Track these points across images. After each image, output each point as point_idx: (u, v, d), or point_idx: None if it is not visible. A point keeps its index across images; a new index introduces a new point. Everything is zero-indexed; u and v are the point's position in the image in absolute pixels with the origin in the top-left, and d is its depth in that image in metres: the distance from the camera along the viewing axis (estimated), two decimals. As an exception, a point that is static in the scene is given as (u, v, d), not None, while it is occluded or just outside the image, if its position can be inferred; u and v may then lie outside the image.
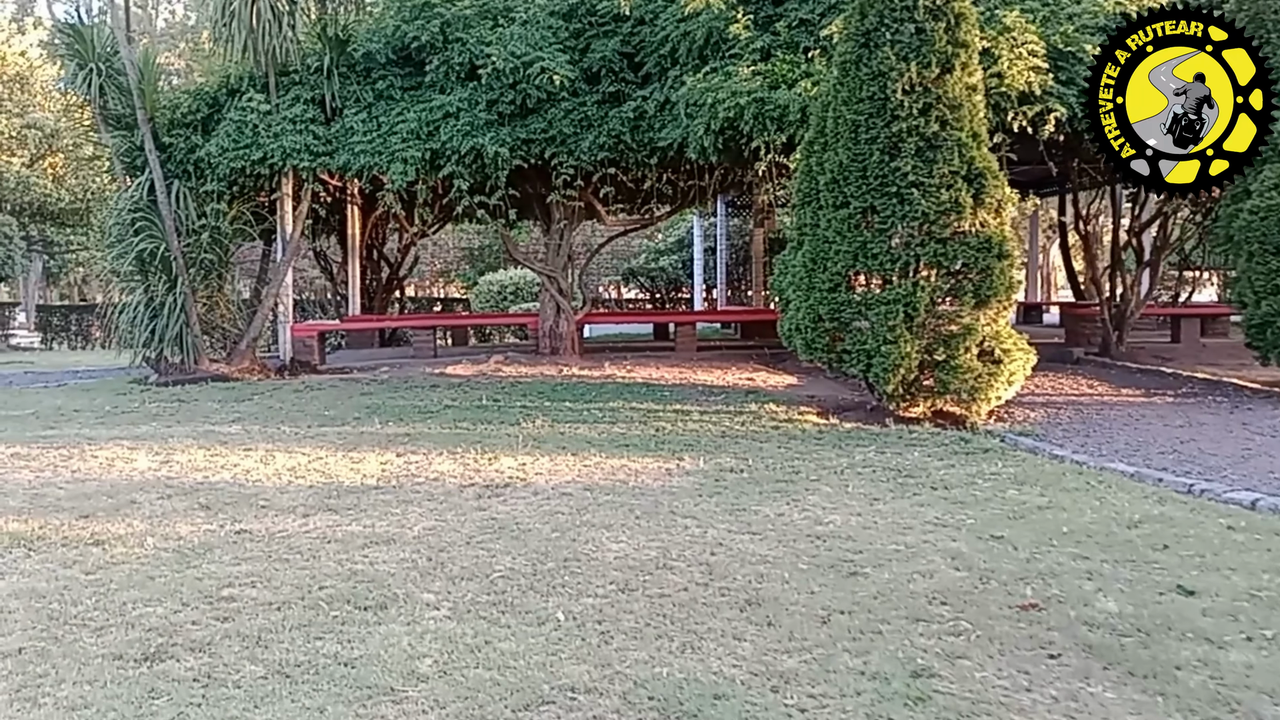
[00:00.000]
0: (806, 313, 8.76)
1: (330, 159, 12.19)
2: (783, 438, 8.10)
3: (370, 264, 19.08)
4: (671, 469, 6.96)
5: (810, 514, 5.67)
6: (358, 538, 5.27)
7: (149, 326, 12.27)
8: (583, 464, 7.14)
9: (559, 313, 13.40)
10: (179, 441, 8.20)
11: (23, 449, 7.96)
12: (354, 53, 12.22)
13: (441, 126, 11.73)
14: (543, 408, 9.67)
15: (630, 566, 4.69)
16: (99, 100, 12.10)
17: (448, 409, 9.72)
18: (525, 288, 26.41)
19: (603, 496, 6.15)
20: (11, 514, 5.90)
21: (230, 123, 12.25)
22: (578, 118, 11.67)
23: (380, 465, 7.21)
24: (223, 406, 10.18)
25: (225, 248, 12.95)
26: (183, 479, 6.81)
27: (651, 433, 8.34)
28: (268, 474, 6.96)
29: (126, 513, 5.91)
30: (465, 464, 7.19)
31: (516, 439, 8.06)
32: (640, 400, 10.12)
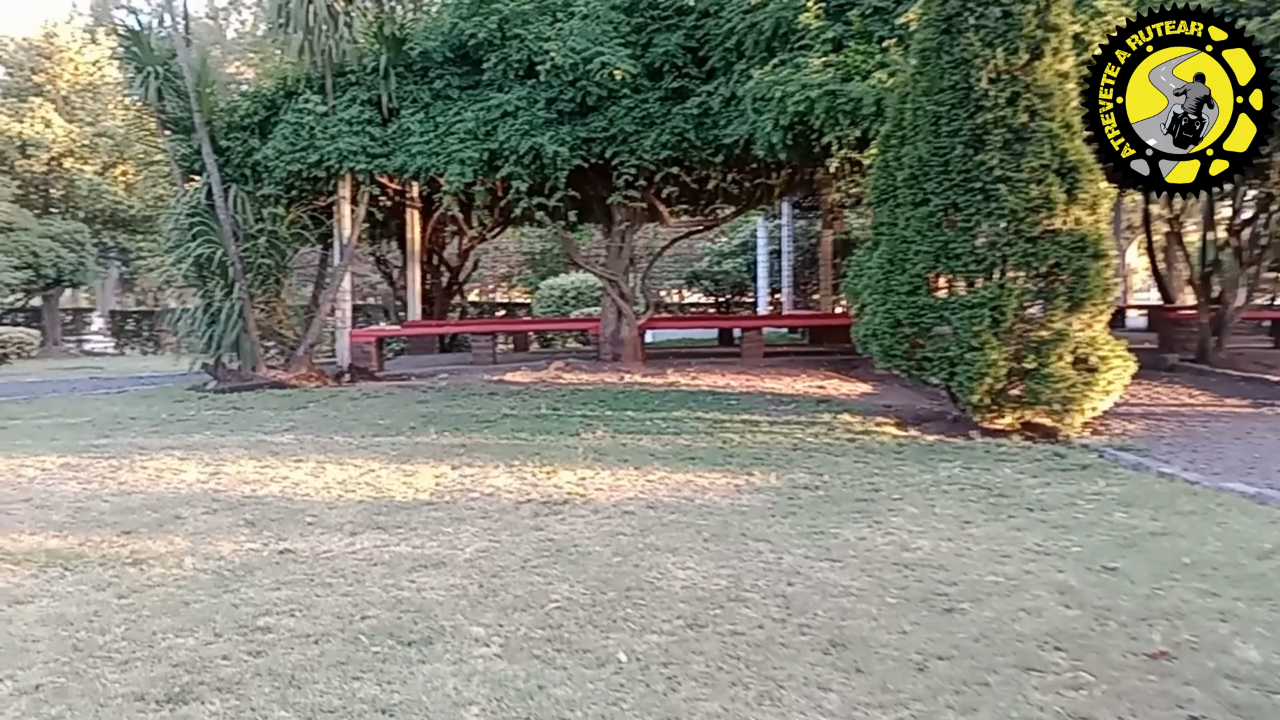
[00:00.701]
0: (884, 317, 8.27)
1: (387, 161, 12.01)
2: (860, 451, 7.63)
3: (430, 269, 18.96)
4: (741, 485, 6.55)
5: (895, 538, 5.21)
6: (406, 560, 4.95)
7: (207, 332, 12.22)
8: (646, 479, 6.76)
9: (620, 318, 13.06)
10: (230, 452, 8.01)
11: (74, 459, 7.84)
12: (411, 52, 12.03)
13: (499, 126, 11.47)
14: (603, 417, 9.33)
15: (699, 598, 4.29)
16: (158, 104, 12.10)
17: (506, 418, 9.43)
18: (587, 292, 26.15)
19: (667, 516, 5.76)
20: (53, 529, 5.72)
21: (287, 125, 12.14)
22: (639, 115, 11.32)
23: (434, 478, 6.92)
24: (277, 415, 10.01)
25: (283, 252, 12.86)
26: (230, 492, 6.59)
27: (719, 445, 7.93)
28: (317, 487, 6.71)
29: (169, 529, 5.69)
30: (522, 478, 6.87)
31: (576, 451, 7.71)
32: (706, 409, 9.72)
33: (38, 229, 31.54)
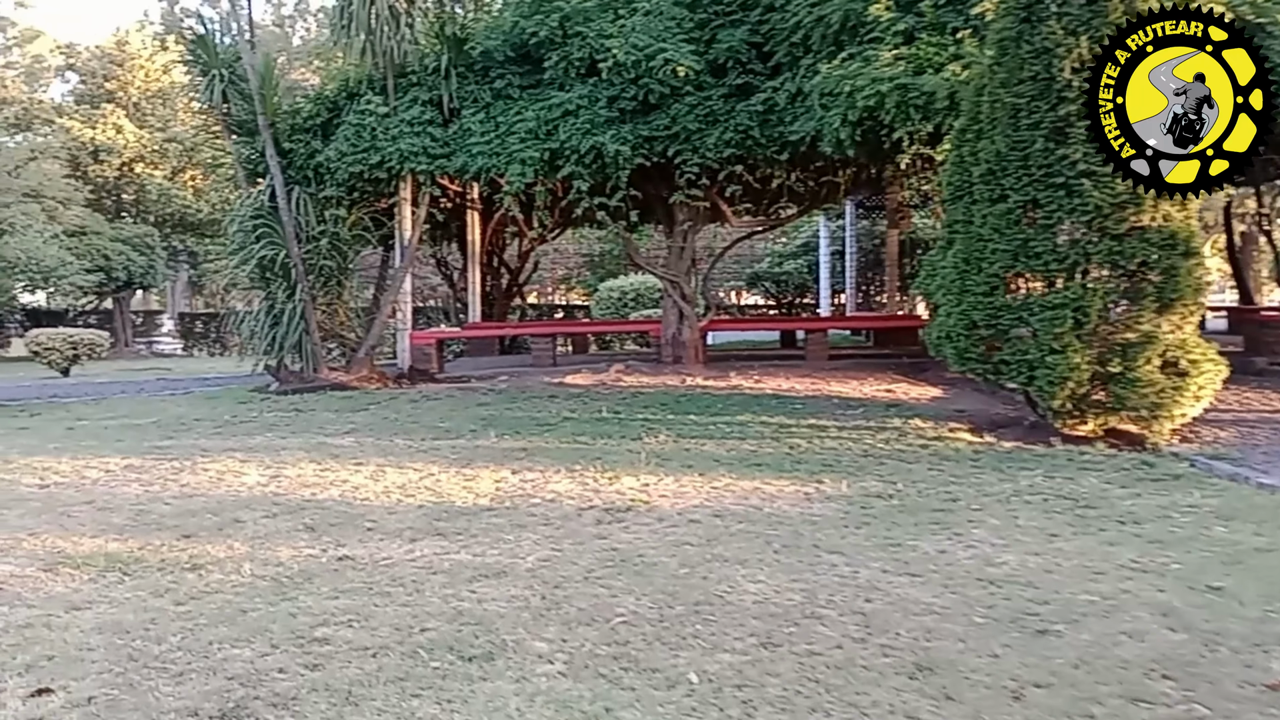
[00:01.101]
0: (959, 319, 7.96)
1: (448, 161, 11.97)
2: (933, 458, 7.34)
3: (490, 270, 18.96)
4: (811, 493, 6.31)
5: (978, 552, 4.94)
6: (466, 568, 4.82)
7: (270, 334, 12.30)
8: (711, 486, 6.56)
9: (682, 319, 12.86)
10: (291, 454, 7.98)
11: (137, 460, 7.88)
12: (472, 51, 11.98)
13: (560, 125, 11.35)
14: (666, 421, 9.14)
15: (772, 614, 4.08)
16: (223, 107, 12.21)
17: (566, 421, 9.29)
18: (646, 294, 26.00)
19: (735, 525, 5.55)
20: (114, 532, 5.70)
21: (349, 126, 12.17)
22: (702, 112, 11.11)
23: (494, 483, 6.79)
24: (338, 417, 10.00)
25: (344, 254, 12.90)
26: (290, 496, 6.53)
27: (785, 451, 7.69)
28: (377, 491, 6.62)
29: (229, 533, 5.64)
30: (584, 483, 6.71)
31: (639, 456, 7.54)
32: (771, 414, 9.48)
33: (109, 233, 32.35)
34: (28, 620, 4.21)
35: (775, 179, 12.33)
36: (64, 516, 6.10)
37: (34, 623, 4.17)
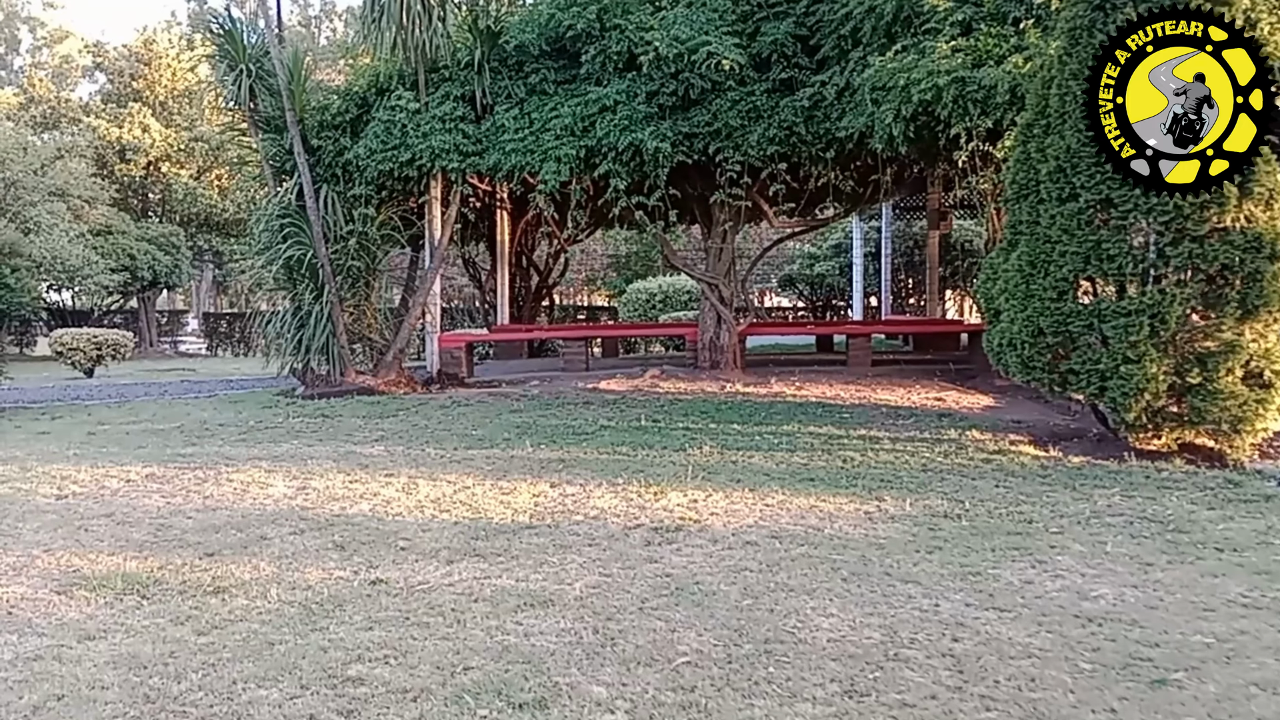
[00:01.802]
0: (1024, 325, 7.54)
1: (480, 159, 11.64)
2: (998, 474, 6.92)
3: (519, 271, 18.65)
4: (872, 512, 5.92)
5: (1067, 582, 4.54)
6: (509, 595, 4.47)
7: (296, 336, 12.02)
8: (764, 503, 6.18)
9: (720, 323, 12.47)
10: (318, 464, 7.68)
11: (159, 469, 7.59)
12: (506, 45, 11.65)
13: (597, 122, 11.00)
14: (708, 430, 8.77)
15: (851, 655, 3.71)
16: (250, 103, 11.95)
17: (604, 430, 8.93)
18: (674, 296, 25.63)
19: (795, 548, 5.18)
20: (133, 549, 5.40)
21: (378, 123, 11.87)
22: (745, 108, 10.72)
23: (533, 497, 6.45)
24: (366, 424, 9.70)
25: (373, 254, 12.61)
26: (318, 510, 6.21)
27: (839, 464, 7.30)
28: (409, 506, 6.29)
29: (254, 551, 5.32)
30: (628, 498, 6.35)
31: (684, 468, 7.17)
32: (818, 423, 9.08)
33: (135, 232, 32.36)
34: (37, 651, 3.90)
35: (818, 177, 11.88)
36: (81, 531, 5.82)
37: (44, 654, 3.87)
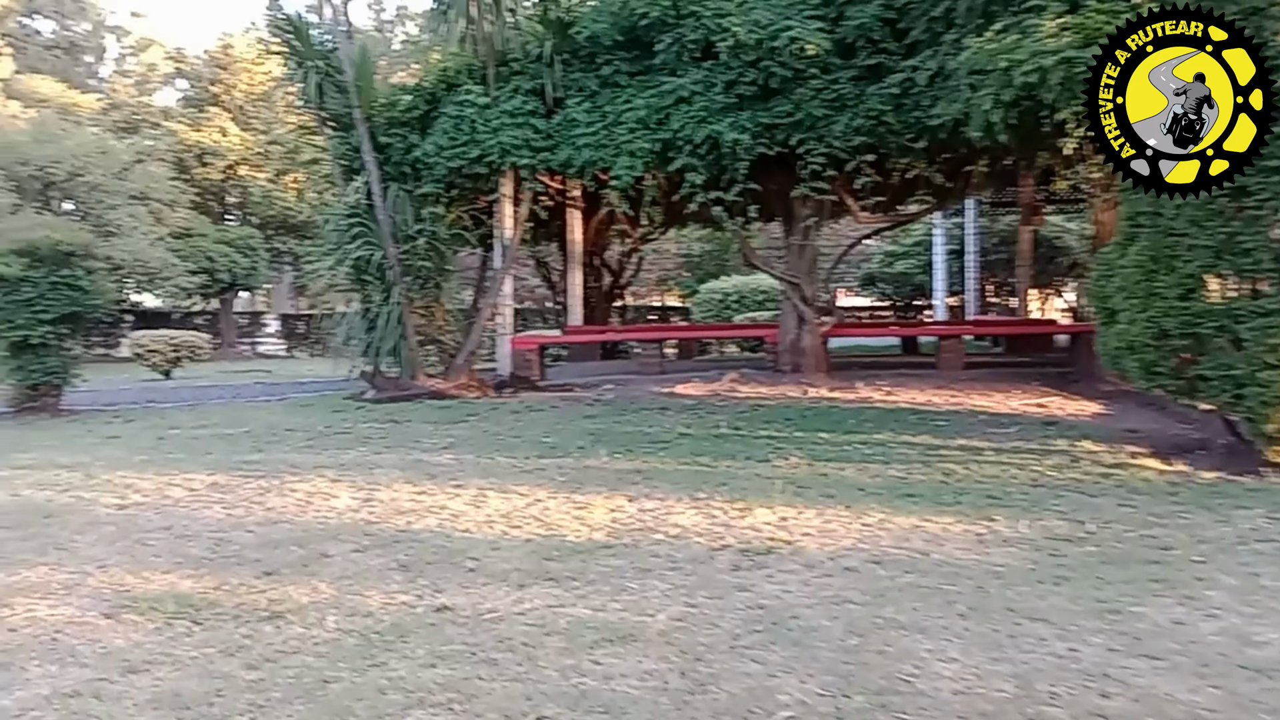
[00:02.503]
0: (1145, 327, 6.89)
1: (551, 155, 11.29)
2: (1121, 491, 6.30)
3: (591, 271, 18.31)
4: (983, 534, 5.37)
5: (1225, 624, 3.97)
6: (586, 628, 4.05)
7: (365, 339, 11.83)
8: (861, 522, 5.67)
9: (802, 325, 11.92)
10: (385, 473, 7.37)
11: (223, 478, 7.36)
12: (577, 36, 11.29)
13: (672, 114, 10.57)
14: (794, 439, 8.27)
15: (983, 712, 3.21)
16: (318, 100, 11.77)
17: (682, 438, 8.49)
18: (749, 296, 25.06)
19: (901, 576, 4.67)
20: (190, 566, 5.11)
21: (447, 119, 11.61)
22: (829, 97, 10.18)
23: (609, 513, 6.03)
24: (435, 429, 9.40)
25: (443, 254, 12.35)
26: (382, 525, 5.88)
27: (939, 478, 6.74)
28: (478, 521, 5.92)
29: (314, 570, 5.00)
30: (712, 515, 5.89)
31: (770, 482, 6.69)
32: (912, 431, 8.52)
33: (214, 234, 32.92)
34: (75, 686, 3.60)
35: (905, 170, 11.26)
36: (138, 545, 5.56)
37: (82, 690, 3.56)
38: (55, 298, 11.95)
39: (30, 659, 3.88)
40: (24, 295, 11.77)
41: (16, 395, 12.16)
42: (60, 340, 12.39)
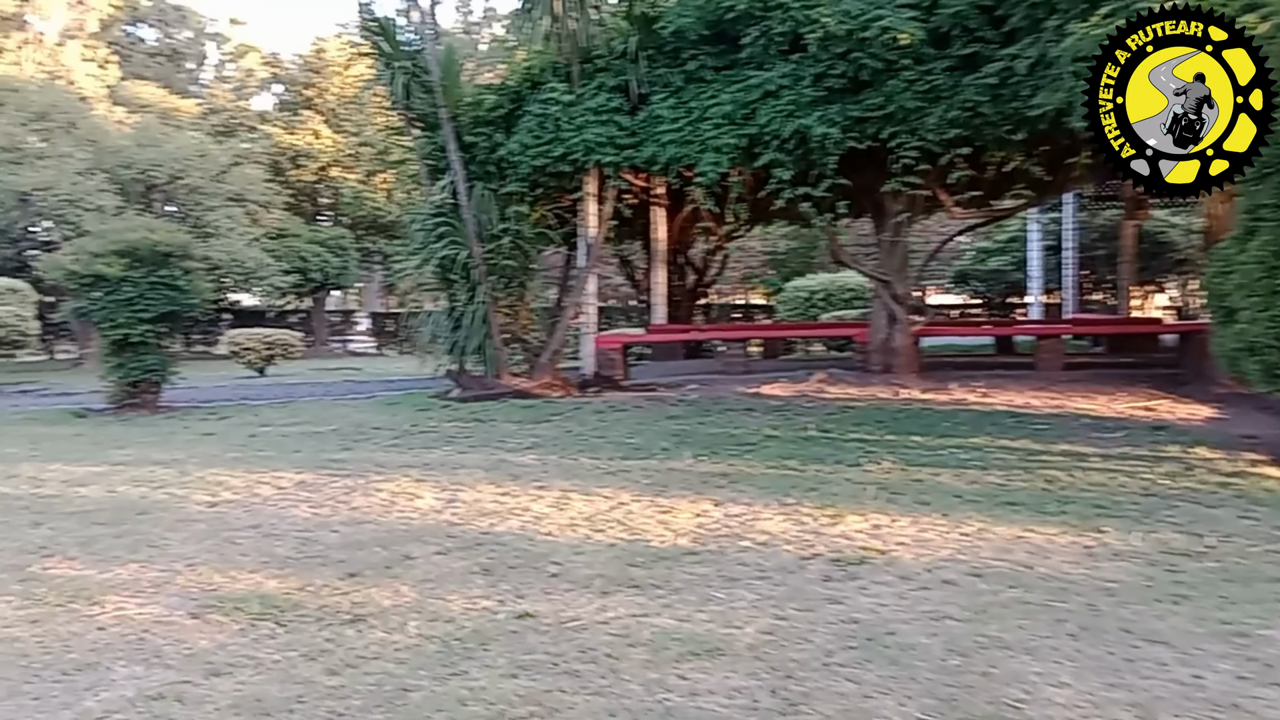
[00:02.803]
0: (1267, 326, 6.48)
1: (635, 152, 11.18)
2: (1240, 502, 5.91)
3: (675, 269, 18.16)
4: (1092, 547, 5.07)
5: (1368, 653, 3.63)
6: (671, 640, 3.92)
7: (451, 338, 11.88)
8: (959, 531, 5.42)
9: (893, 323, 11.59)
10: (468, 474, 7.34)
11: (310, 476, 7.42)
12: (662, 31, 11.15)
13: (759, 108, 10.36)
14: (886, 443, 8.00)
15: (1101, 746, 2.97)
16: (404, 100, 11.86)
17: (769, 440, 8.29)
18: (835, 294, 24.60)
19: (1004, 590, 4.42)
20: (275, 566, 5.13)
21: (531, 117, 11.59)
22: (922, 88, 9.84)
23: (694, 517, 5.88)
24: (519, 429, 9.37)
25: (527, 253, 12.35)
26: (466, 526, 5.83)
27: (1042, 486, 6.42)
28: (561, 524, 5.83)
29: (396, 572, 4.96)
30: (801, 522, 5.70)
31: (861, 488, 6.46)
32: (1010, 436, 8.17)
33: (307, 234, 33.74)
34: (160, 689, 3.60)
35: (1002, 164, 10.84)
36: (227, 544, 5.61)
37: (165, 693, 3.56)
38: (154, 297, 12.28)
39: (117, 659, 3.90)
40: (124, 295, 12.13)
41: (117, 392, 12.53)
42: (159, 338, 12.74)
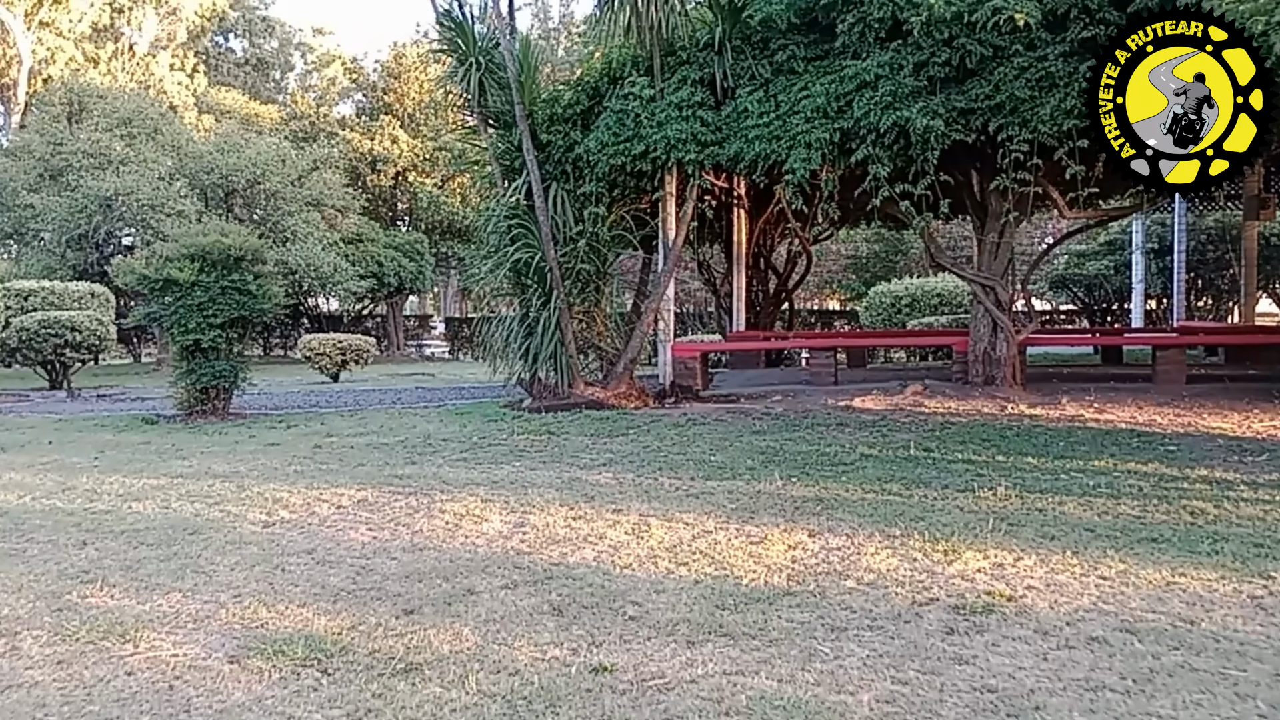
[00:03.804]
0: None
1: (720, 149, 10.58)
2: None
3: (756, 273, 17.53)
4: (1261, 597, 4.36)
5: None
6: (772, 709, 3.35)
7: (523, 344, 11.45)
8: (1098, 574, 4.73)
9: (996, 331, 10.79)
10: (539, 493, 6.85)
11: (372, 493, 7.01)
12: (749, 21, 10.55)
13: (855, 100, 9.69)
14: (997, 465, 7.29)
15: None
16: (478, 97, 11.47)
17: (865, 460, 7.64)
18: (922, 300, 23.69)
19: (1167, 653, 3.74)
20: (327, 599, 4.68)
21: (610, 114, 11.08)
22: (1035, 76, 9.06)
23: (788, 550, 5.29)
24: (594, 443, 8.87)
25: (604, 257, 11.85)
26: (535, 556, 5.32)
27: (1186, 519, 5.67)
28: (640, 555, 5.28)
29: (458, 611, 4.46)
30: (910, 558, 5.06)
31: (976, 517, 5.80)
32: (1138, 458, 7.39)
33: (383, 239, 33.89)
34: (182, 755, 3.13)
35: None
36: (278, 571, 5.19)
37: (186, 761, 3.09)
38: (225, 302, 12.11)
39: (141, 713, 3.47)
40: (195, 299, 11.97)
41: (187, 399, 12.39)
42: (230, 344, 12.58)
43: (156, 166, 25.91)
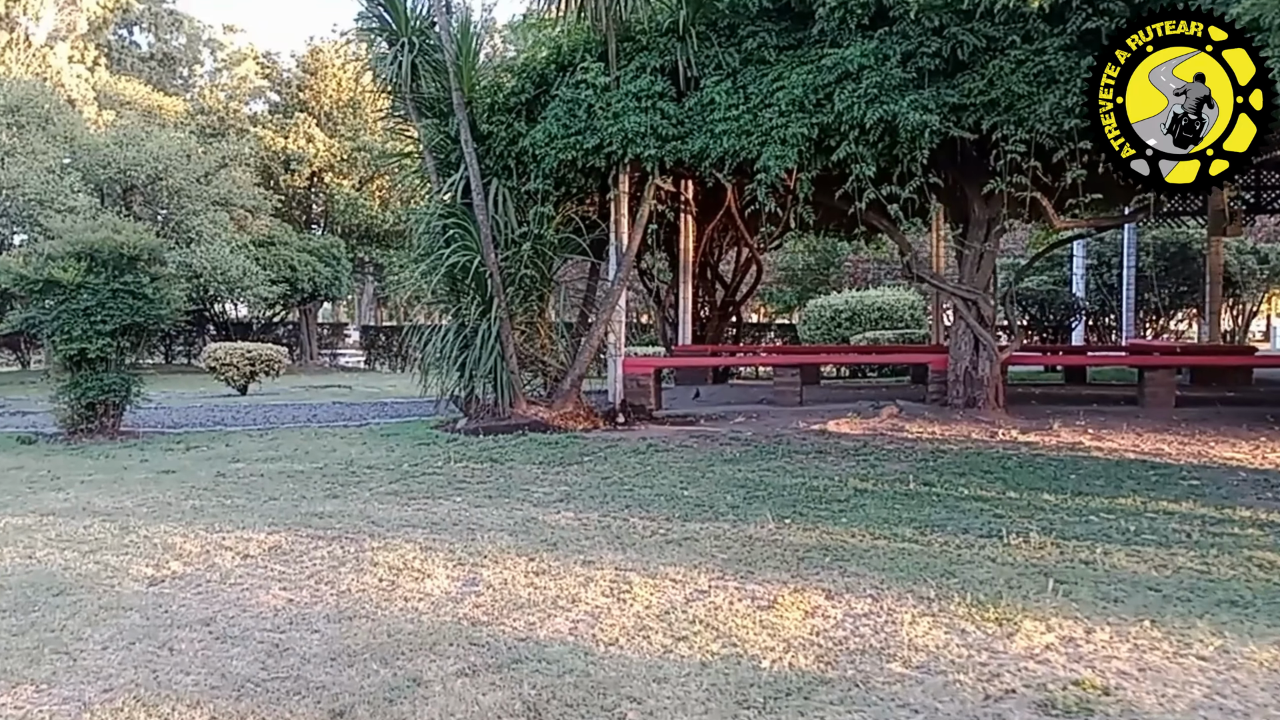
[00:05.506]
0: None
1: (682, 144, 9.69)
2: None
3: (702, 284, 16.70)
4: (1406, 685, 3.57)
5: None
6: None
7: (459, 358, 10.37)
8: (1194, 653, 3.93)
9: (979, 349, 10.07)
10: (490, 538, 5.83)
11: (286, 538, 5.90)
12: (716, 4, 9.71)
13: (836, 92, 8.89)
14: (1010, 502, 6.51)
15: None
16: (410, 83, 10.36)
17: (861, 496, 6.78)
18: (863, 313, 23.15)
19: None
20: (228, 695, 3.62)
21: (560, 103, 10.12)
22: (1033, 70, 8.39)
23: (805, 618, 4.38)
24: (545, 473, 7.87)
25: (549, 262, 10.88)
26: (495, 628, 4.31)
27: (1258, 574, 4.92)
28: (626, 626, 4.31)
29: (403, 713, 3.45)
30: (957, 629, 4.20)
31: (1014, 570, 4.97)
32: (1164, 495, 6.67)
33: (297, 243, 32.24)
34: None
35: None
36: (165, 651, 4.10)
37: None
38: (116, 307, 10.83)
39: None
40: (81, 304, 10.67)
41: (71, 415, 11.05)
42: (121, 354, 11.28)
43: (45, 158, 24.03)
